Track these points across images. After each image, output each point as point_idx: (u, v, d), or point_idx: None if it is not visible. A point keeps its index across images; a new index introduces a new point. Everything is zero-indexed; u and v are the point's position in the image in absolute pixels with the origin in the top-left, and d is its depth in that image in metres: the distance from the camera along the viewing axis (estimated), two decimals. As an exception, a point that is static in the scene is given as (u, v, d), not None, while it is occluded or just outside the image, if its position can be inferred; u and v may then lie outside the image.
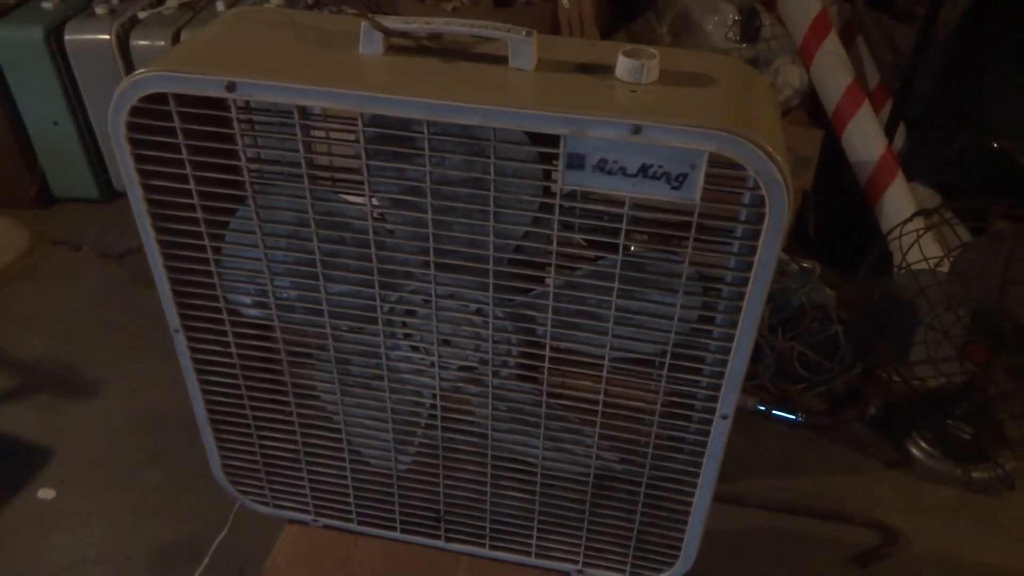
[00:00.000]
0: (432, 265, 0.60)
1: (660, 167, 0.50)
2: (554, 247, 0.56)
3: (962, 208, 1.44)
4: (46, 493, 1.34)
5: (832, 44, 1.72)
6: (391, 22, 0.56)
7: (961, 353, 1.27)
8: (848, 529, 1.32)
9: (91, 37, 1.91)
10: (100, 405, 1.52)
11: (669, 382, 0.60)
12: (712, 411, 0.60)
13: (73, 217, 2.08)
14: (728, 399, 0.59)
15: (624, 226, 0.53)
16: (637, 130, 0.49)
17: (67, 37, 1.91)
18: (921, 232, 1.33)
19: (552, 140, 0.52)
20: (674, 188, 0.50)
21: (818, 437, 1.50)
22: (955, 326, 1.27)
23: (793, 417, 1.50)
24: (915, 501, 1.38)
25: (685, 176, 0.50)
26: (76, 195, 2.12)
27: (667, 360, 0.59)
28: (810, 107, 1.82)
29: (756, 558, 1.27)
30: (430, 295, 0.62)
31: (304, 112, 0.57)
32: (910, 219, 1.35)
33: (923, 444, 1.43)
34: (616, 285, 0.56)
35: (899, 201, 1.67)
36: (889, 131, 1.75)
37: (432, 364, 0.65)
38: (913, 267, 1.31)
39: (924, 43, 1.67)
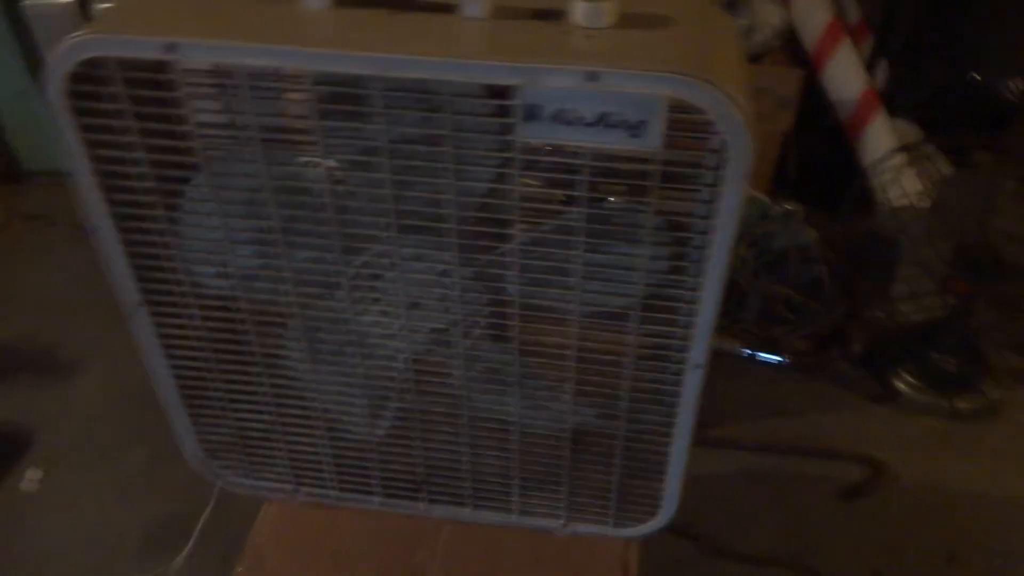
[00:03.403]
0: (394, 227, 0.58)
1: (619, 115, 0.48)
2: (516, 203, 0.54)
3: (943, 142, 1.42)
4: (33, 474, 1.33)
5: (810, -21, 1.68)
6: (334, -27, 0.53)
7: (942, 287, 1.27)
8: (836, 465, 1.34)
9: (51, 1, 1.84)
10: (83, 383, 1.51)
11: (641, 334, 0.60)
12: (685, 361, 0.59)
13: (45, 192, 2.04)
14: (699, 349, 0.58)
15: (586, 178, 0.51)
16: (593, 77, 0.47)
17: (25, 2, 1.85)
18: (902, 168, 1.31)
19: (508, 91, 0.49)
20: (634, 136, 0.48)
21: (805, 377, 1.50)
22: (936, 260, 1.27)
23: (779, 359, 1.51)
24: (901, 433, 1.40)
25: (645, 123, 0.48)
26: (47, 168, 2.07)
27: (638, 312, 0.58)
28: (790, 47, 1.78)
29: (746, 499, 1.29)
30: (395, 258, 0.60)
31: (253, 72, 0.55)
32: (890, 155, 1.34)
33: (908, 378, 1.44)
34: (582, 239, 0.55)
35: (880, 138, 1.65)
36: (871, 68, 1.72)
37: (402, 328, 0.64)
38: (894, 203, 1.30)
39: (904, -26, 1.64)
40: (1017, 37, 1.60)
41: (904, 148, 1.36)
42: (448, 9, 0.53)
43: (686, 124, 0.49)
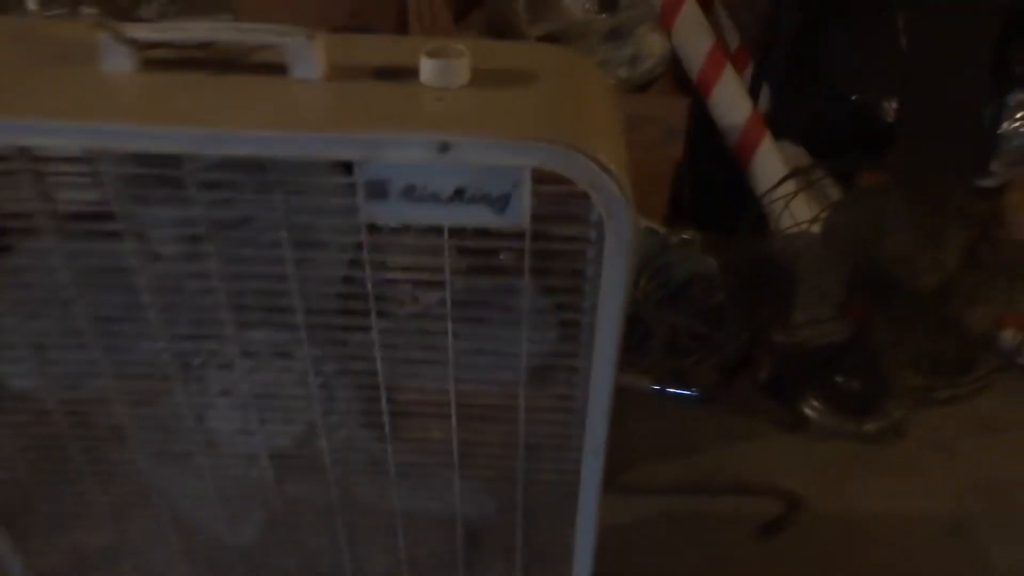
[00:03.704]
0: (233, 317, 0.50)
1: (478, 189, 0.42)
2: (369, 290, 0.47)
3: (831, 166, 1.43)
4: None
5: (690, 8, 1.69)
6: (138, 30, 0.45)
7: (841, 312, 1.26)
8: (752, 501, 1.31)
9: None
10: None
11: (528, 420, 0.53)
12: (580, 447, 0.53)
13: None
14: (595, 433, 0.52)
15: (445, 260, 0.45)
16: (445, 148, 0.41)
17: None
18: (791, 196, 1.31)
19: (350, 166, 0.43)
20: (497, 212, 0.42)
21: (715, 410, 1.47)
22: (832, 286, 1.26)
23: (688, 392, 1.48)
24: (813, 461, 1.38)
25: (508, 197, 0.42)
26: None
27: (522, 397, 0.52)
28: (676, 74, 1.78)
29: (663, 545, 1.24)
30: (238, 350, 0.52)
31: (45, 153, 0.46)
32: (781, 182, 1.33)
33: (815, 403, 1.43)
34: (446, 324, 0.48)
35: (769, 162, 1.66)
36: (754, 92, 1.74)
37: (258, 425, 0.56)
38: (787, 230, 1.30)
39: (779, 1, 1.66)
40: (892, 58, 1.65)
41: (794, 174, 1.36)
42: (279, 70, 0.46)
43: (557, 196, 0.43)
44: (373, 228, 0.45)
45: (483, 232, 0.45)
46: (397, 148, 0.41)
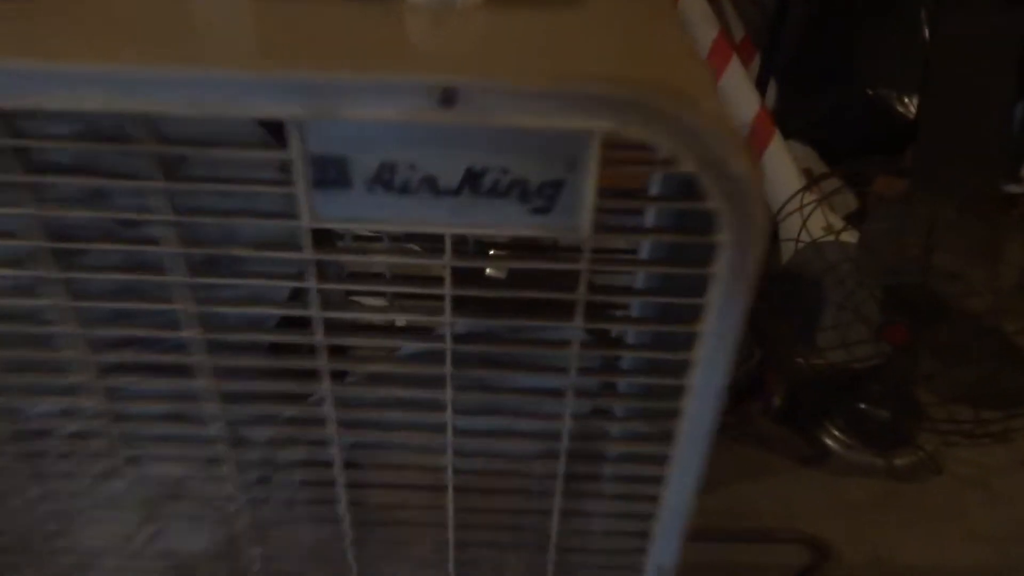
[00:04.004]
0: (96, 384, 0.32)
1: (505, 173, 0.24)
2: (319, 337, 0.29)
3: (850, 169, 1.29)
4: None
5: (693, -7, 1.54)
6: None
7: (878, 335, 1.11)
8: (776, 548, 1.15)
9: None
10: None
11: (564, 520, 0.36)
12: (640, 567, 0.36)
13: None
14: (667, 543, 0.35)
15: (448, 290, 0.27)
16: (449, 97, 0.23)
17: None
18: (819, 201, 1.16)
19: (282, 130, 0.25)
20: (538, 211, 0.25)
21: (726, 439, 1.32)
22: (868, 303, 1.11)
23: (694, 421, 1.32)
24: (838, 500, 1.23)
25: (559, 187, 0.24)
26: None
27: (557, 500, 0.34)
28: (675, 65, 1.63)
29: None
30: (115, 430, 0.34)
31: None
32: (806, 188, 1.18)
33: (837, 433, 1.28)
34: (448, 393, 0.30)
35: (779, 163, 1.52)
36: (760, 87, 1.59)
37: (149, 539, 0.37)
38: (816, 240, 1.14)
39: (787, -10, 1.52)
40: (912, 50, 1.51)
41: (814, 180, 1.20)
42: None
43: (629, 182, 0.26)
44: (325, 237, 0.27)
45: (504, 246, 0.28)
46: (366, 98, 0.23)
